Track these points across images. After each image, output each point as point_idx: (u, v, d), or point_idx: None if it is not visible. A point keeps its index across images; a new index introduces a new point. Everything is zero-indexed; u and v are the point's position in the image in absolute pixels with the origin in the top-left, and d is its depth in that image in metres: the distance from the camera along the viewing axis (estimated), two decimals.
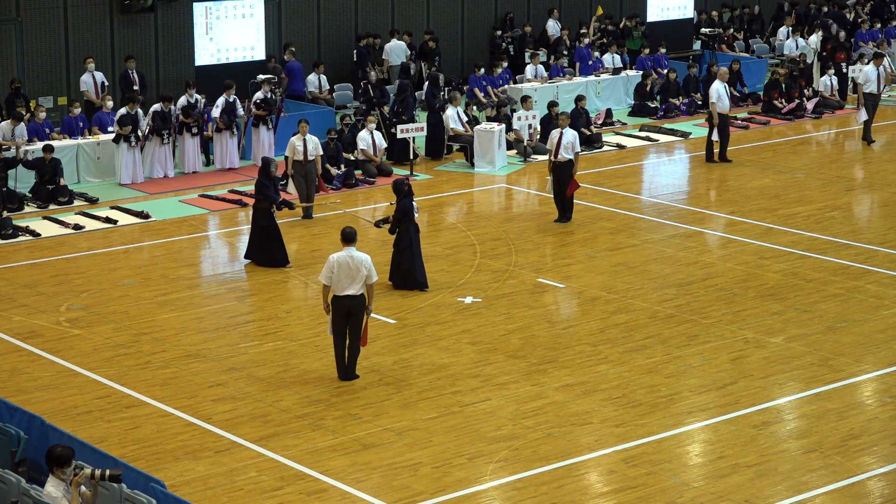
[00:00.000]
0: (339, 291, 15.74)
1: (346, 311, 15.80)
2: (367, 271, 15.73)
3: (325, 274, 15.76)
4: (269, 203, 20.11)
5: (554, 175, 22.52)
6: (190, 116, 25.56)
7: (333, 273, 15.68)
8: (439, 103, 27.90)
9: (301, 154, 22.50)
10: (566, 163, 22.31)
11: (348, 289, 15.71)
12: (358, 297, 15.78)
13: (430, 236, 22.19)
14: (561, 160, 22.34)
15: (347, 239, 15.89)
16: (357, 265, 15.70)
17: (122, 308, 18.64)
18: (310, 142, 22.61)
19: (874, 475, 13.74)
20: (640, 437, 14.55)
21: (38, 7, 27.52)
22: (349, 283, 15.69)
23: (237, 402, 15.51)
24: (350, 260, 15.71)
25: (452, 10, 33.61)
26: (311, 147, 22.62)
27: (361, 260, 15.75)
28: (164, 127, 25.13)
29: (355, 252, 15.81)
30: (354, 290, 15.72)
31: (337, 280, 15.69)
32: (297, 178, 22.70)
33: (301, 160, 22.55)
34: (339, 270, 15.67)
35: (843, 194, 24.74)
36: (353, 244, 15.87)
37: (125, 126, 24.68)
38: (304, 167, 22.63)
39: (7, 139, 24.50)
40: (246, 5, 28.71)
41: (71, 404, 15.40)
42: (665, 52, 33.32)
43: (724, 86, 26.87)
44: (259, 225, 20.14)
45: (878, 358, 16.85)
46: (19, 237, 21.87)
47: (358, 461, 13.97)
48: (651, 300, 18.87)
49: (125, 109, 24.89)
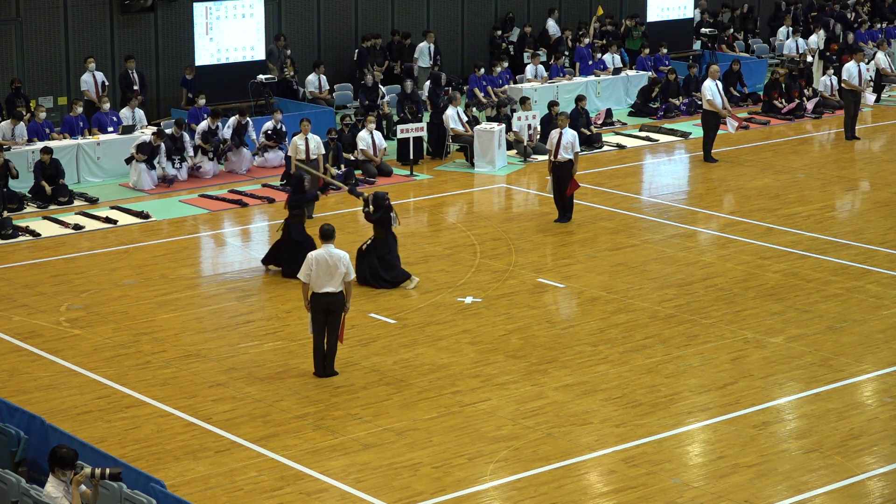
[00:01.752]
0: (317, 289, 15.81)
1: (324, 308, 15.85)
2: (346, 268, 15.80)
3: (304, 271, 15.84)
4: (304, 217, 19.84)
5: (554, 175, 22.52)
6: (209, 143, 25.50)
7: (312, 270, 15.76)
8: (443, 102, 27.94)
9: (303, 153, 22.52)
10: (566, 163, 22.31)
11: (327, 286, 15.77)
12: (336, 294, 15.83)
13: (430, 236, 22.21)
14: (561, 160, 22.34)
15: (326, 236, 16.00)
16: (335, 262, 15.77)
17: (122, 308, 18.64)
18: (311, 140, 22.63)
19: (874, 475, 13.74)
20: (640, 437, 14.55)
21: (38, 7, 27.52)
22: (328, 280, 15.76)
23: (237, 402, 15.51)
24: (329, 257, 15.79)
25: (452, 10, 33.62)
26: (312, 146, 22.65)
27: (339, 257, 15.82)
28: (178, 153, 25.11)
29: (333, 249, 15.88)
30: (333, 287, 15.78)
31: (316, 277, 15.76)
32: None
33: (303, 159, 22.56)
34: (318, 268, 15.75)
35: (843, 194, 24.77)
36: (331, 241, 15.96)
37: (142, 153, 24.64)
38: (308, 166, 22.63)
39: (7, 139, 24.52)
40: (246, 5, 28.71)
41: (71, 404, 15.40)
42: (665, 52, 33.33)
43: (717, 84, 26.86)
44: (294, 240, 19.50)
45: (878, 358, 16.85)
46: (19, 237, 21.87)
47: (358, 461, 13.98)
48: (651, 300, 18.87)
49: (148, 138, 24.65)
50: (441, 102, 28.02)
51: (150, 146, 24.62)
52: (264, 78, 28.49)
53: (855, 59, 29.25)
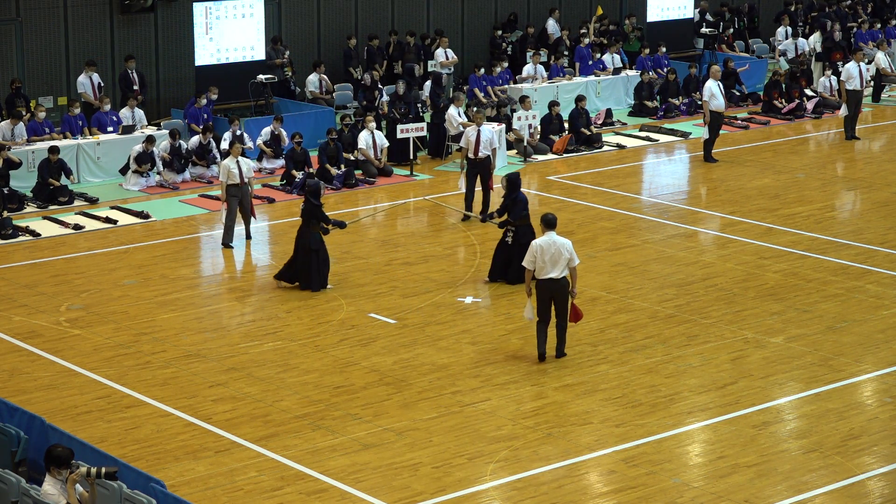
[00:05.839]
0: (540, 275, 16.34)
1: (550, 294, 16.36)
2: (569, 254, 16.33)
3: (528, 258, 16.41)
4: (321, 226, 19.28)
5: (472, 173, 22.77)
6: (203, 159, 25.42)
7: (537, 257, 16.29)
8: (443, 102, 27.93)
9: (237, 177, 21.56)
10: (485, 160, 22.64)
11: (550, 272, 16.27)
12: (560, 280, 16.35)
13: (430, 236, 22.21)
14: (481, 157, 22.64)
15: (549, 224, 16.47)
16: (559, 249, 16.29)
17: (122, 308, 18.64)
18: (244, 164, 21.43)
19: (874, 475, 13.74)
20: (640, 437, 14.55)
21: (38, 7, 27.52)
22: (551, 266, 16.28)
23: (237, 402, 15.51)
24: (553, 244, 16.27)
25: (452, 9, 33.61)
26: (245, 169, 21.47)
27: (563, 244, 16.36)
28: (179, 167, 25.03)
29: (556, 237, 16.39)
30: (556, 273, 16.28)
31: (540, 264, 16.29)
32: (231, 201, 21.43)
33: (237, 183, 21.36)
34: (542, 255, 16.27)
35: (843, 194, 24.77)
36: (553, 229, 16.42)
37: (143, 164, 24.64)
38: (241, 190, 21.39)
39: (7, 139, 24.52)
40: (246, 5, 28.72)
41: (71, 404, 15.40)
42: (665, 52, 33.33)
43: (718, 84, 26.87)
44: (312, 249, 19.15)
45: (878, 358, 16.85)
46: (19, 237, 21.87)
47: (358, 461, 13.98)
48: (651, 300, 18.87)
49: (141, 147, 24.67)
50: (441, 103, 28.00)
51: (148, 155, 24.69)
52: (264, 78, 28.49)
53: (855, 59, 29.25)
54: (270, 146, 26.01)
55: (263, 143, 25.98)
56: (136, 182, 24.75)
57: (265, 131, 26.16)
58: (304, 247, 19.21)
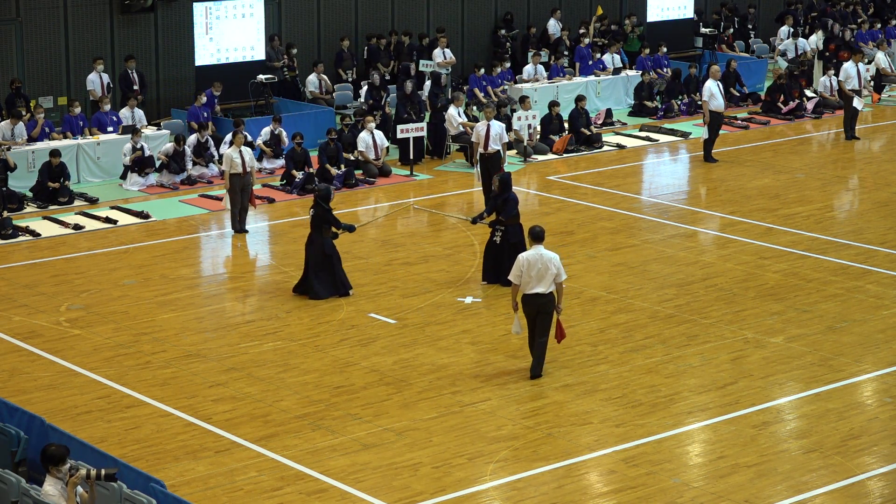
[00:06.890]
0: (527, 290, 15.93)
1: (535, 309, 15.95)
2: (557, 270, 15.87)
3: (515, 272, 15.97)
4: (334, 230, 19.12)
5: (482, 167, 22.81)
6: (202, 157, 25.43)
7: (523, 271, 15.88)
8: (441, 102, 27.91)
9: (239, 167, 21.74)
10: (495, 154, 22.68)
11: (537, 287, 15.87)
12: (546, 296, 15.90)
13: (430, 236, 22.21)
14: (490, 152, 22.68)
15: (536, 238, 16.05)
16: (546, 264, 15.86)
17: (122, 308, 18.64)
18: (246, 153, 21.74)
19: (874, 475, 13.74)
20: (640, 437, 14.55)
21: (38, 7, 27.52)
22: (538, 281, 15.87)
23: (237, 402, 15.51)
24: (540, 259, 15.87)
25: (453, 9, 33.61)
26: (248, 158, 21.77)
27: (550, 258, 15.90)
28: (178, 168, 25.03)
29: (544, 251, 15.96)
30: (542, 288, 15.87)
31: (526, 278, 15.88)
32: (234, 191, 21.80)
33: (240, 173, 21.71)
34: (529, 269, 15.86)
35: (843, 194, 24.76)
36: (541, 242, 16.00)
37: (146, 168, 24.68)
38: (243, 180, 21.73)
39: (7, 139, 24.52)
40: (246, 5, 28.71)
41: (71, 404, 15.40)
42: (665, 52, 33.32)
43: (718, 84, 26.87)
44: (325, 255, 19.00)
45: (878, 358, 16.85)
46: (19, 237, 21.87)
47: (358, 461, 13.98)
48: (651, 300, 18.87)
49: (130, 145, 24.67)
50: (440, 103, 27.99)
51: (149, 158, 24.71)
52: (264, 78, 28.49)
53: (854, 60, 29.25)
54: (270, 146, 26.01)
55: (263, 143, 25.98)
56: (135, 182, 24.78)
57: (265, 131, 26.17)
58: (318, 254, 19.03)
